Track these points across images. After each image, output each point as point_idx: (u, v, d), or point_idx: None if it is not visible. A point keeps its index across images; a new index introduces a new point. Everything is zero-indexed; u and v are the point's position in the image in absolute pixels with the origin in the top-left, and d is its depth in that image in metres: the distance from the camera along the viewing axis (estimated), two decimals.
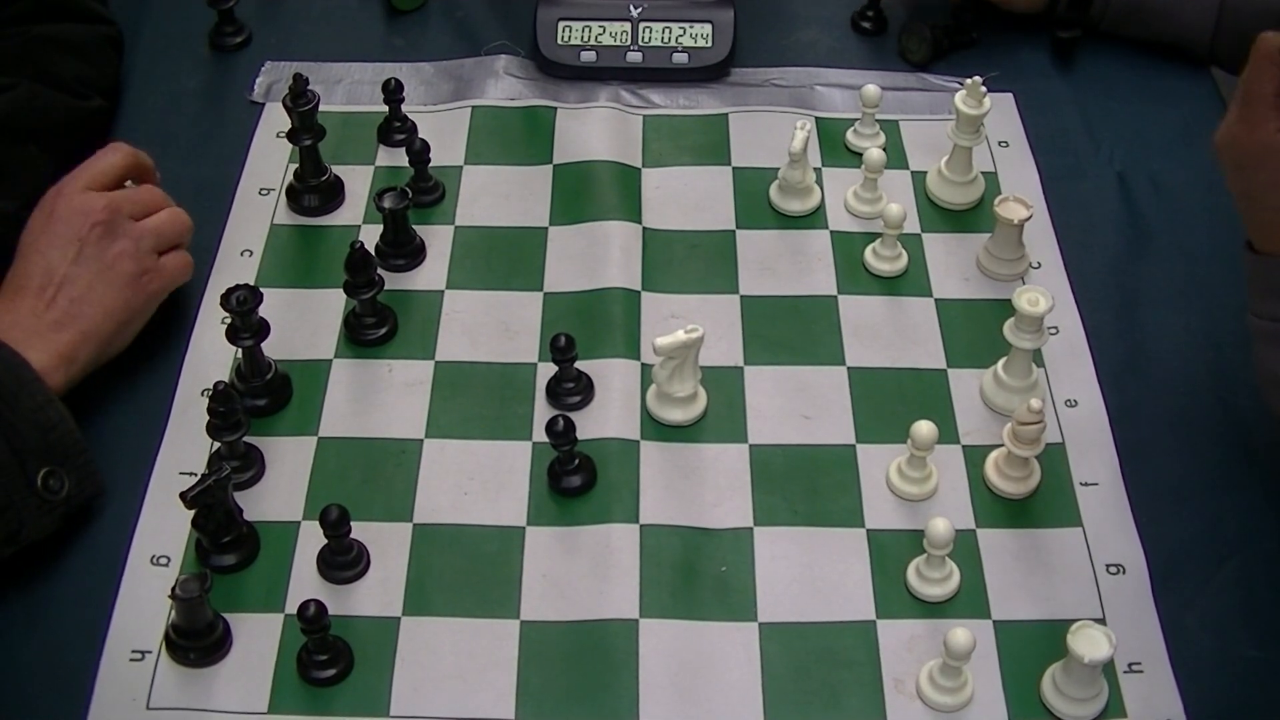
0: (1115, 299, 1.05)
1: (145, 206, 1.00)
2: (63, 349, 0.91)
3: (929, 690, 0.83)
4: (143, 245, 0.97)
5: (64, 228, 0.95)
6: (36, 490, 0.85)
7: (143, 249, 0.97)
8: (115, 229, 0.96)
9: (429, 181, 1.10)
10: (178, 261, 1.00)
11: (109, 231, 0.95)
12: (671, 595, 0.87)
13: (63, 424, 0.88)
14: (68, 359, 0.91)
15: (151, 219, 0.99)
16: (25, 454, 0.85)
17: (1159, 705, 0.83)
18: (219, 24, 1.24)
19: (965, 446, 0.95)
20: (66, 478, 0.87)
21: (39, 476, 0.86)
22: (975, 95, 1.07)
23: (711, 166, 1.14)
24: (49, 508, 0.86)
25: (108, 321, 0.94)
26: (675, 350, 0.90)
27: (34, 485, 0.85)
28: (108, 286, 0.94)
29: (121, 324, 0.95)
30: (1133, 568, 0.89)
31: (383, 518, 0.91)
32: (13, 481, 0.85)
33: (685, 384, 0.90)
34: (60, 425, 0.88)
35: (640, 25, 1.20)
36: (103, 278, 0.94)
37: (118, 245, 0.95)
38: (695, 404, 0.94)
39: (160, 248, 0.98)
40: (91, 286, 0.94)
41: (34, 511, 0.85)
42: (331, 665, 0.83)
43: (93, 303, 0.93)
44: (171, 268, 0.99)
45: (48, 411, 0.87)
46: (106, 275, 0.94)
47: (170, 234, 1.00)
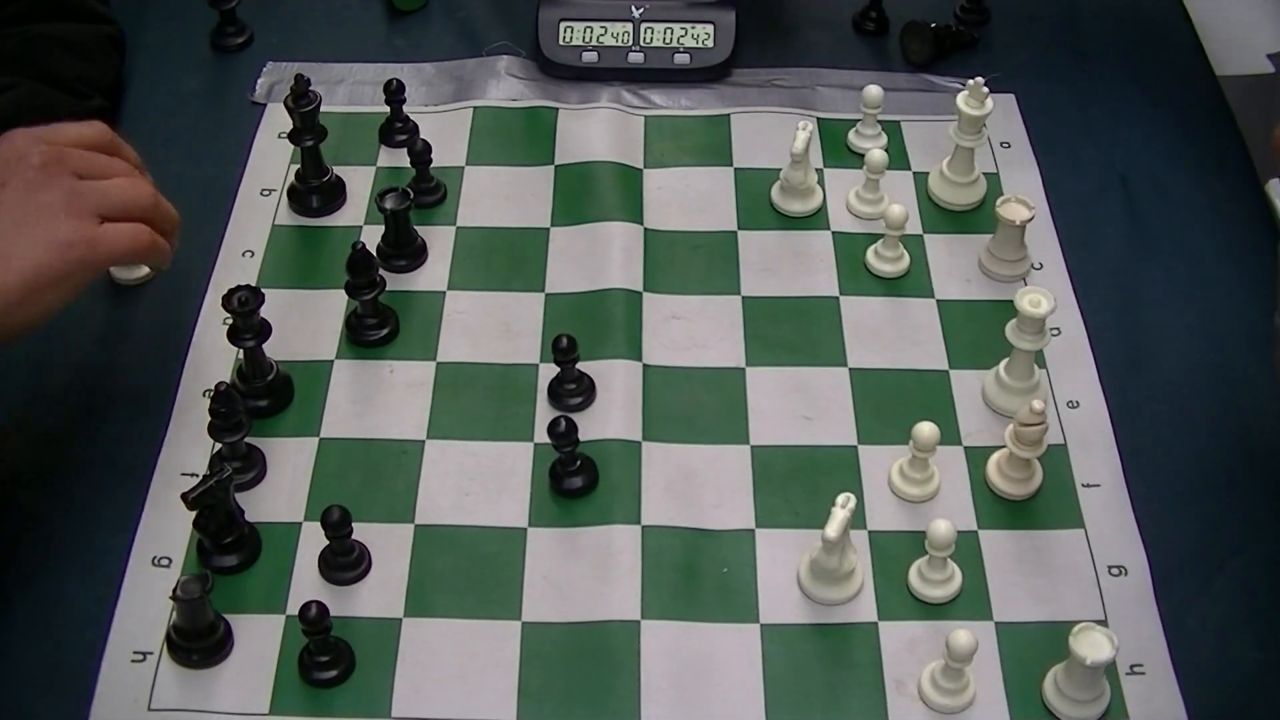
0: (1117, 300, 1.05)
1: (99, 168, 0.86)
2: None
3: (931, 692, 0.83)
4: (77, 203, 0.83)
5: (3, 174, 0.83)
6: None
7: (77, 207, 0.82)
8: (49, 178, 0.82)
9: (430, 182, 1.10)
10: (121, 232, 0.84)
11: (41, 179, 0.82)
12: (673, 596, 0.87)
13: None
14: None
15: (101, 181, 0.85)
16: None
17: (1161, 707, 0.83)
18: (220, 24, 1.24)
19: (967, 448, 0.95)
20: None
21: None
22: (977, 96, 1.07)
23: (713, 167, 1.14)
24: None
25: (9, 279, 0.80)
26: (844, 528, 0.84)
27: None
28: (19, 239, 0.80)
29: (27, 289, 0.80)
30: (1135, 569, 0.89)
31: (384, 519, 0.91)
32: None
33: (849, 556, 0.87)
34: None
35: (642, 26, 1.20)
36: (17, 228, 0.80)
37: (46, 196, 0.82)
38: (855, 578, 0.88)
39: (104, 213, 0.84)
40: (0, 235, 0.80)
41: None
42: (333, 666, 0.83)
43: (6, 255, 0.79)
44: (112, 238, 0.84)
45: None
46: (22, 226, 0.81)
47: (120, 201, 0.85)
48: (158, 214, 0.88)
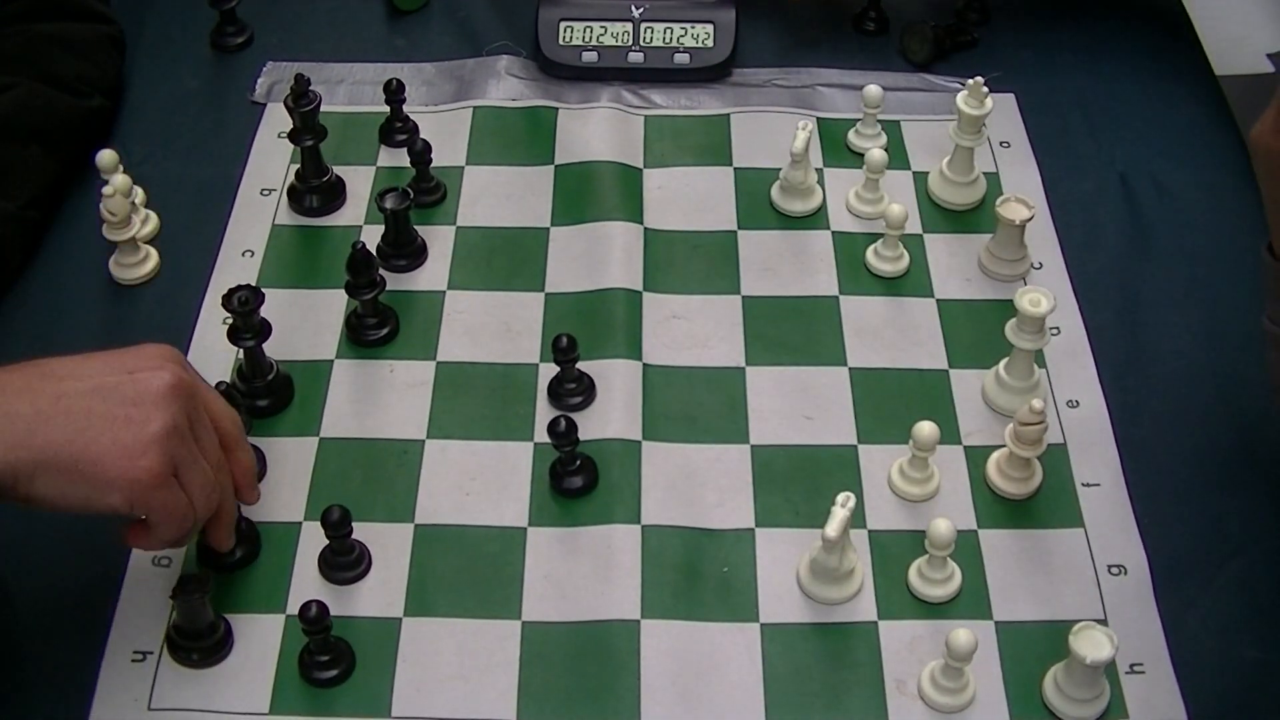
0: (1117, 299, 1.05)
1: (217, 416, 0.81)
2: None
3: (931, 691, 0.83)
4: (169, 442, 0.75)
5: (129, 359, 0.78)
6: None
7: (167, 446, 0.75)
8: (163, 404, 0.76)
9: (430, 182, 1.10)
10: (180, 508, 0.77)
11: (155, 400, 0.76)
12: (673, 596, 0.87)
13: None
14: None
15: (201, 460, 0.78)
16: None
17: (1160, 706, 0.83)
18: (220, 24, 1.24)
19: (967, 447, 0.95)
20: None
21: None
22: (977, 95, 1.07)
23: (713, 167, 1.14)
24: None
25: (54, 458, 0.73)
26: (843, 527, 0.84)
27: None
28: (90, 430, 0.74)
29: (59, 473, 0.73)
30: (1134, 568, 0.89)
31: (384, 518, 0.91)
32: None
33: (849, 555, 0.87)
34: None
35: (642, 26, 1.20)
36: (97, 421, 0.74)
37: (148, 414, 0.75)
38: (855, 578, 0.88)
39: (180, 476, 0.77)
40: (76, 417, 0.74)
41: None
42: (333, 666, 0.83)
43: (56, 429, 0.73)
44: (166, 500, 0.76)
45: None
46: (103, 422, 0.74)
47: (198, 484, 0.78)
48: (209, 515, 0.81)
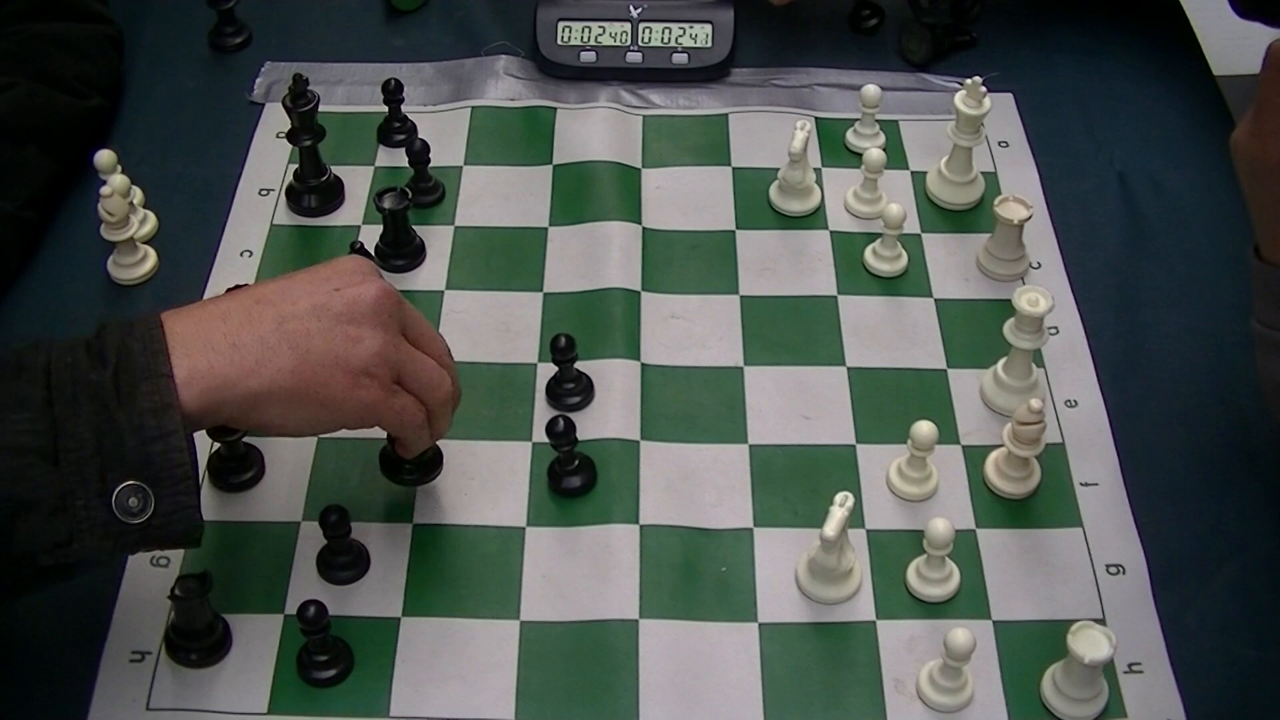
0: (1115, 299, 1.05)
1: (427, 340, 0.83)
2: (215, 379, 0.73)
3: (929, 691, 0.83)
4: (390, 354, 0.78)
5: (330, 274, 0.79)
6: (108, 502, 0.70)
7: (385, 359, 0.78)
8: (375, 317, 0.78)
9: (429, 182, 1.10)
10: (404, 408, 0.80)
11: (366, 314, 0.78)
12: (672, 596, 0.87)
13: (172, 437, 0.71)
14: (213, 388, 0.73)
15: (422, 355, 0.81)
16: (111, 457, 0.70)
17: (1159, 706, 0.83)
18: (219, 24, 1.24)
19: (965, 447, 0.95)
20: (152, 502, 0.71)
21: (116, 487, 0.70)
22: (975, 95, 1.07)
23: (711, 167, 1.14)
24: (113, 529, 0.70)
25: (284, 386, 0.75)
26: (842, 526, 0.84)
27: (107, 495, 0.70)
28: (314, 355, 0.76)
29: (288, 400, 0.76)
30: (1133, 568, 0.89)
31: (382, 518, 0.91)
32: (82, 480, 0.70)
33: (847, 554, 0.87)
34: (168, 438, 0.71)
35: (640, 25, 1.20)
36: (318, 343, 0.76)
37: (363, 330, 0.77)
38: (853, 577, 0.88)
39: (403, 382, 0.80)
40: (298, 341, 0.75)
41: (94, 526, 0.70)
42: (331, 666, 0.83)
43: (283, 356, 0.75)
44: (396, 409, 0.79)
45: (160, 419, 0.71)
46: (324, 344, 0.76)
47: (423, 381, 0.81)
48: (442, 407, 0.84)
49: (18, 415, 0.70)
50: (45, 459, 0.69)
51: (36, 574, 0.71)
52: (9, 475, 0.69)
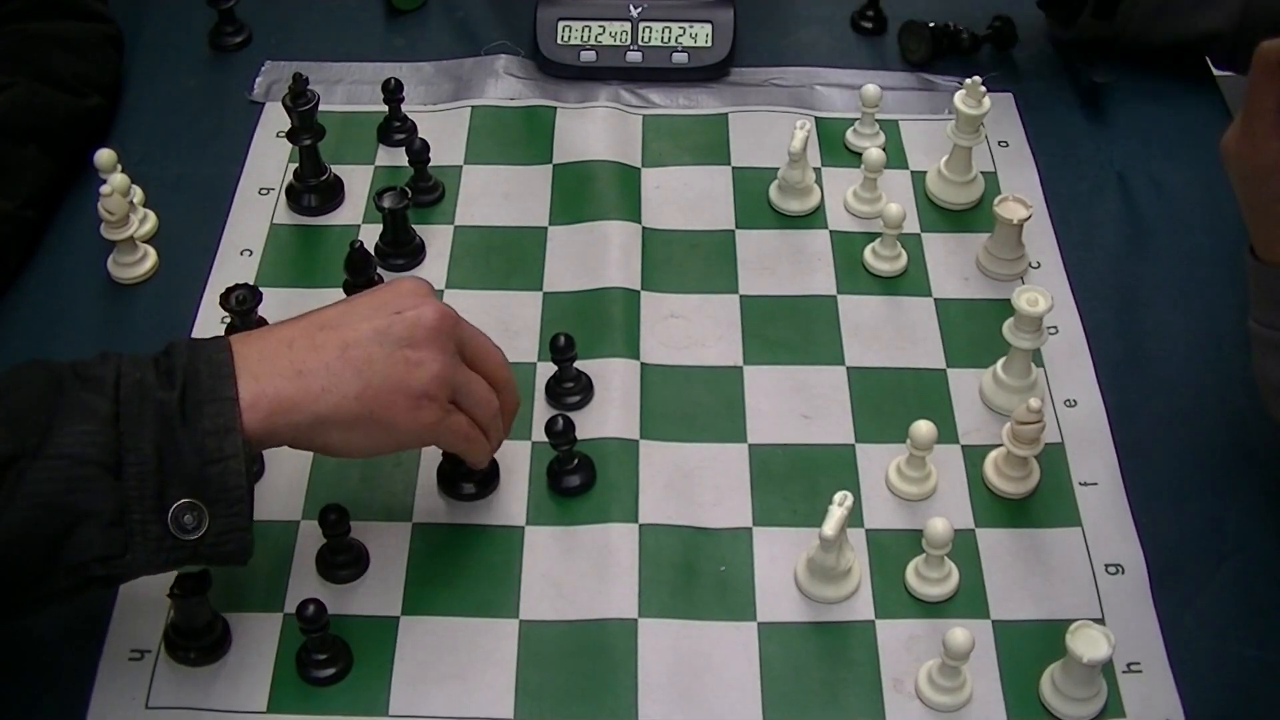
0: (1115, 299, 1.05)
1: (485, 354, 0.85)
2: (281, 403, 0.76)
3: (928, 690, 0.83)
4: (448, 376, 0.80)
5: (390, 297, 0.81)
6: (164, 518, 0.72)
7: (446, 380, 0.80)
8: (435, 340, 0.80)
9: (428, 181, 1.10)
10: (459, 427, 0.82)
11: (426, 338, 0.80)
12: (670, 595, 0.87)
13: (232, 461, 0.73)
14: (278, 412, 0.76)
15: (474, 375, 0.83)
16: (171, 475, 0.72)
17: (1158, 705, 0.83)
18: (219, 23, 1.24)
19: (964, 446, 0.95)
20: (207, 521, 0.73)
21: (174, 504, 0.72)
22: (975, 95, 1.07)
23: (711, 166, 1.14)
24: (166, 543, 0.73)
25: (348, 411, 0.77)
26: (841, 526, 0.84)
27: (164, 511, 0.72)
28: (376, 380, 0.78)
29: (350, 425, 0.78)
30: (1132, 567, 0.89)
31: (382, 517, 0.91)
32: (141, 495, 0.72)
33: (846, 554, 0.87)
34: (228, 461, 0.73)
35: (640, 25, 1.20)
36: (380, 369, 0.78)
37: (423, 354, 0.79)
38: (852, 577, 0.88)
39: (459, 403, 0.82)
40: (362, 367, 0.78)
41: (148, 540, 0.72)
42: (330, 665, 0.83)
43: (347, 383, 0.77)
44: (451, 428, 0.82)
45: (221, 441, 0.73)
46: (386, 369, 0.78)
47: (477, 400, 0.83)
48: (493, 422, 0.86)
49: (84, 426, 0.72)
50: (108, 471, 0.72)
51: (83, 583, 0.73)
52: (70, 484, 0.71)
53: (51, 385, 0.73)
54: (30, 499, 0.70)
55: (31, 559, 0.71)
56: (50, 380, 0.74)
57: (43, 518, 0.70)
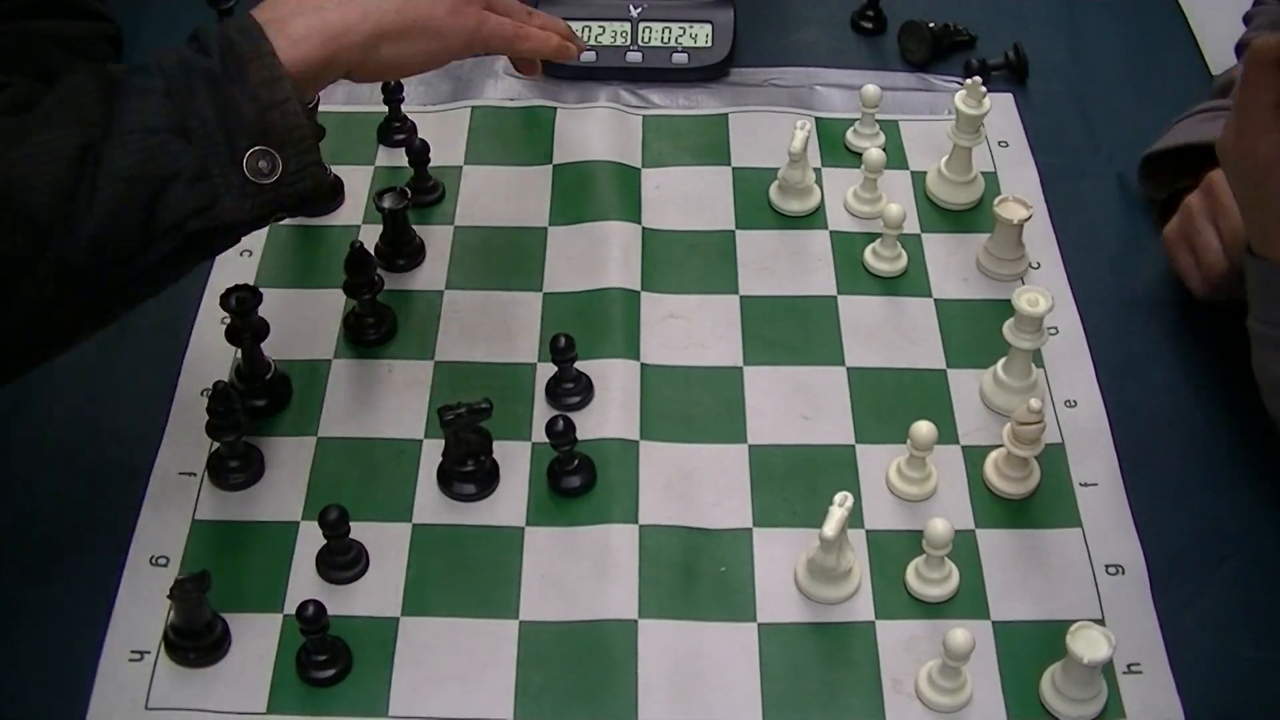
0: (1115, 299, 1.05)
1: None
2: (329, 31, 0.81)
3: (928, 691, 0.83)
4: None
5: None
6: (240, 167, 0.78)
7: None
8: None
9: (428, 182, 1.10)
10: (502, 23, 0.90)
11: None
12: (670, 595, 0.87)
13: (287, 104, 0.78)
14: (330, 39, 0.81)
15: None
16: (234, 127, 0.77)
17: (1158, 706, 0.83)
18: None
19: (964, 447, 0.95)
20: (279, 164, 0.79)
21: (246, 154, 0.78)
22: (975, 95, 1.07)
23: (711, 166, 1.14)
24: (249, 189, 0.78)
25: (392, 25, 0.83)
26: (841, 526, 0.84)
27: (238, 161, 0.78)
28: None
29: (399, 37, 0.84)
30: (1132, 568, 0.89)
31: (382, 518, 0.91)
32: (215, 152, 0.77)
33: (846, 554, 0.87)
34: (283, 105, 0.78)
35: (640, 25, 1.20)
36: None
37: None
38: (853, 577, 0.88)
39: (492, 7, 0.90)
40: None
41: (231, 189, 0.78)
42: (330, 665, 0.83)
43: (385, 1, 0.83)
44: (497, 24, 0.89)
45: (273, 89, 0.78)
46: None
47: (514, 8, 0.92)
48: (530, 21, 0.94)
49: (143, 104, 0.77)
50: (178, 135, 0.77)
51: (184, 243, 0.78)
52: (147, 154, 0.76)
53: (102, 80, 0.78)
54: (114, 176, 0.75)
55: (132, 230, 0.76)
56: (99, 77, 0.78)
57: (131, 190, 0.75)
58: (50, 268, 0.75)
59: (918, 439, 0.90)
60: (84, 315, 0.80)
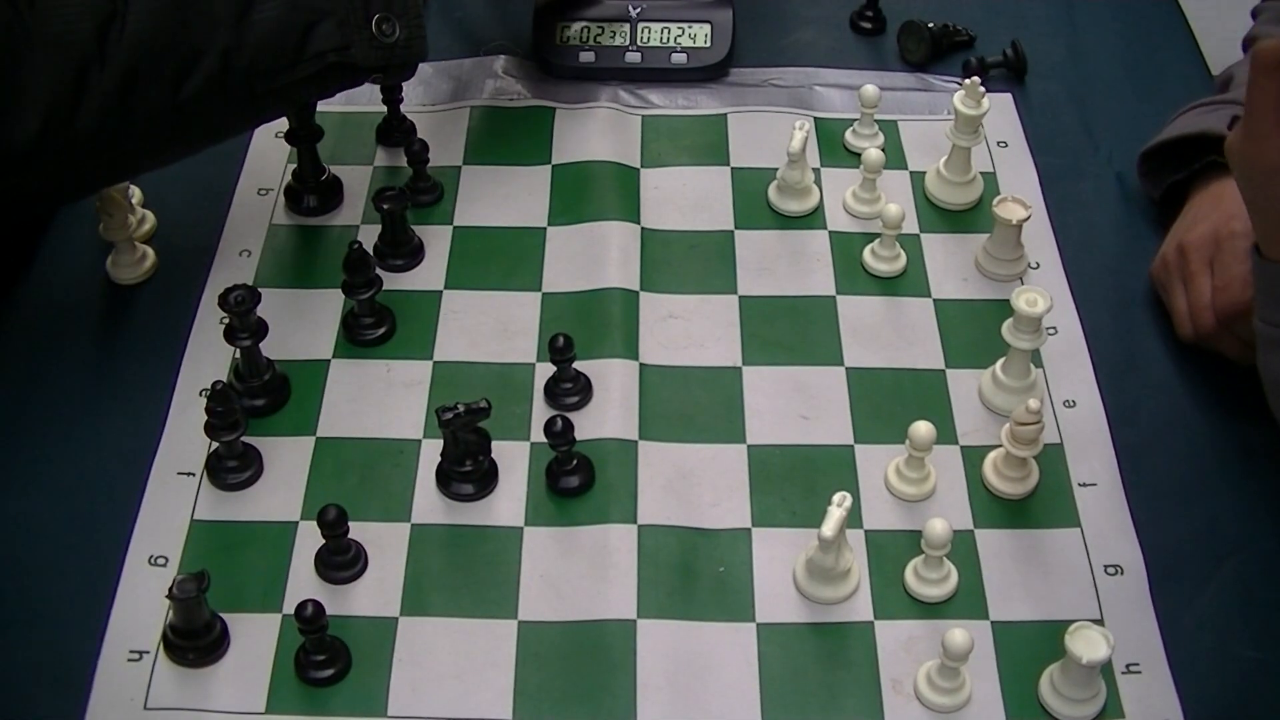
0: (1114, 299, 1.05)
1: None
2: None
3: (927, 691, 0.83)
4: None
5: None
6: (370, 24, 0.94)
7: None
8: None
9: (427, 182, 1.10)
10: None
11: None
12: (669, 595, 0.87)
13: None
14: None
15: None
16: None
17: (1157, 706, 0.83)
18: None
19: (963, 447, 0.95)
20: (398, 28, 0.95)
21: (374, 18, 0.94)
22: (974, 95, 1.07)
23: (710, 167, 1.14)
24: (377, 44, 0.94)
25: None
26: (840, 526, 0.84)
27: (369, 19, 0.94)
28: None
29: None
30: (1131, 568, 0.89)
31: (381, 518, 0.91)
32: (352, 7, 0.93)
33: (845, 555, 0.87)
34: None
35: (639, 25, 1.20)
36: None
37: None
38: (851, 578, 0.88)
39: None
40: None
41: (363, 39, 0.94)
42: (329, 665, 0.83)
43: None
44: None
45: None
46: None
47: None
48: None
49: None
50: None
51: (323, 71, 0.94)
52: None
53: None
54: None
55: (287, 46, 0.92)
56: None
57: (294, 14, 0.91)
58: (217, 60, 0.89)
59: (916, 439, 0.90)
60: (219, 120, 0.95)
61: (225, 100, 0.92)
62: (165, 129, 0.91)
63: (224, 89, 0.90)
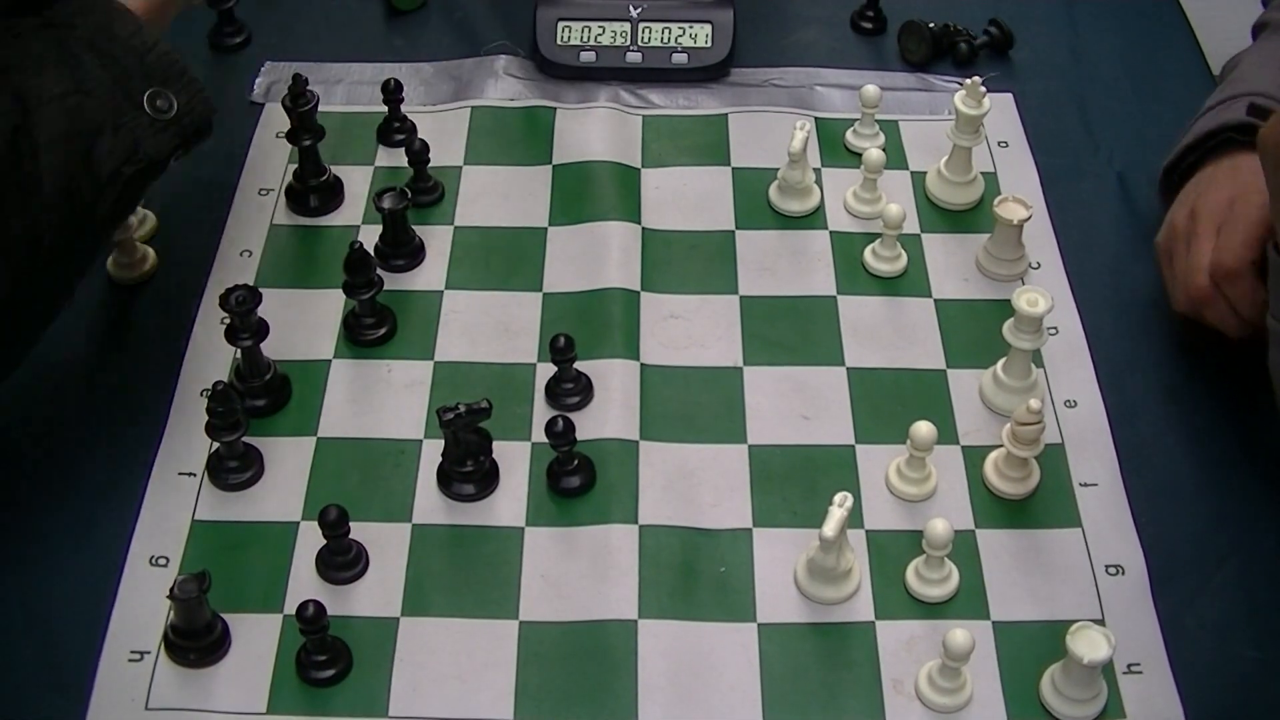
0: (1115, 299, 1.05)
1: None
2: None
3: (928, 691, 0.83)
4: None
5: None
6: (144, 111, 0.88)
7: None
8: None
9: (428, 182, 1.10)
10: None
11: None
12: (670, 596, 0.87)
13: (159, 47, 0.89)
14: None
15: None
16: (126, 78, 0.87)
17: (1158, 706, 0.83)
18: (219, 24, 1.24)
19: (964, 447, 0.95)
20: (174, 98, 0.89)
21: (144, 98, 0.88)
22: (975, 95, 1.07)
23: (711, 167, 1.14)
24: (160, 126, 0.89)
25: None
26: (841, 526, 0.84)
27: (141, 106, 0.88)
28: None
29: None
30: (1132, 568, 0.89)
31: (381, 518, 0.91)
32: (119, 104, 0.87)
33: (846, 555, 0.87)
34: (156, 48, 0.89)
35: (640, 25, 1.20)
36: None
37: None
38: (852, 578, 0.88)
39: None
40: None
41: (144, 130, 0.88)
42: (330, 665, 0.83)
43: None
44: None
45: (142, 36, 0.89)
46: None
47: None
48: None
49: (40, 79, 0.84)
50: (85, 95, 0.86)
51: (124, 188, 0.87)
52: (69, 115, 0.85)
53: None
54: (52, 138, 0.83)
55: (83, 184, 0.85)
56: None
57: (70, 147, 0.84)
58: (17, 237, 0.82)
59: (917, 439, 0.90)
60: (59, 281, 0.88)
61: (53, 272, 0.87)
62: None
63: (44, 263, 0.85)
